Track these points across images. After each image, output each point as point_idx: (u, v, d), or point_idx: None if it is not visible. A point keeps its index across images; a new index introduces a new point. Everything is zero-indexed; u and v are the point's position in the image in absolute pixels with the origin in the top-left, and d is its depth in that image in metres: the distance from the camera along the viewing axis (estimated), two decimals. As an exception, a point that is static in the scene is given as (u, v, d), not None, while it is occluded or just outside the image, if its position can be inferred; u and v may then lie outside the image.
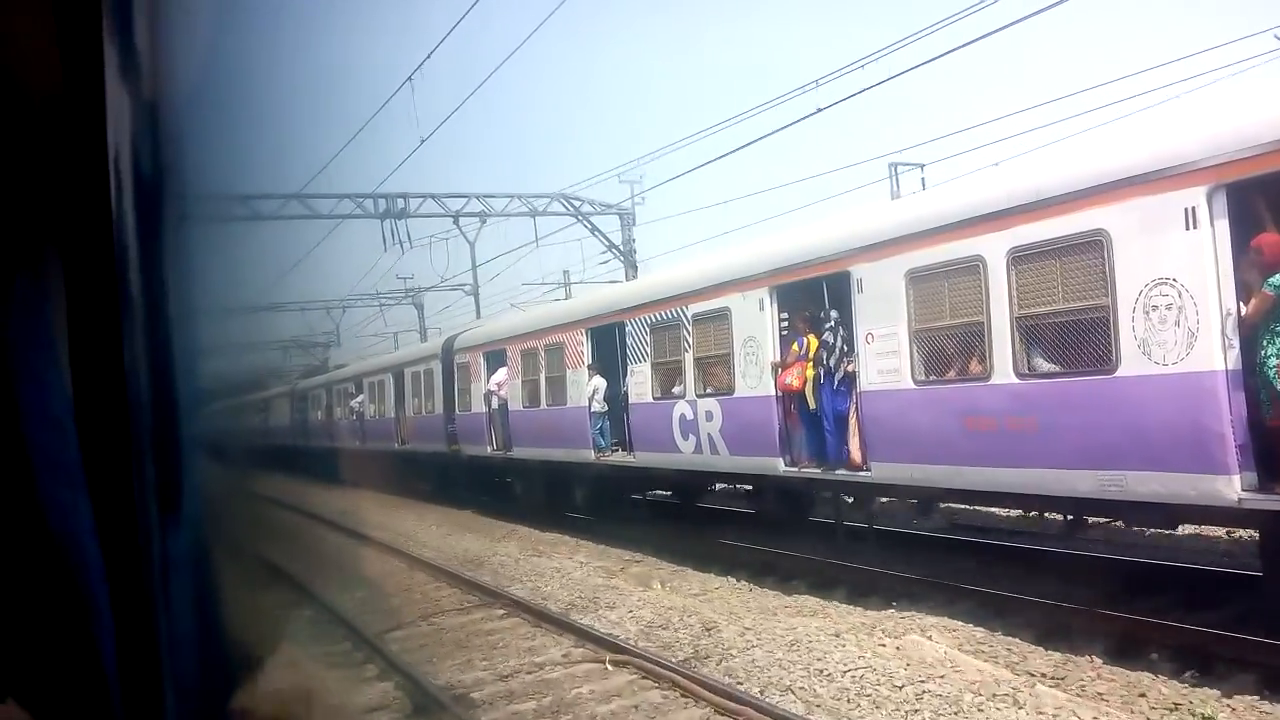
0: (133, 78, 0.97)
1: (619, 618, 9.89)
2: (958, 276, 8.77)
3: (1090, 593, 8.36)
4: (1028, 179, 8.27)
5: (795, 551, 11.84)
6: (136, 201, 0.98)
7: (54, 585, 0.94)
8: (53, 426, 0.97)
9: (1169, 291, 6.97)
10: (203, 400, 1.15)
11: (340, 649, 9.56)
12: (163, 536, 1.00)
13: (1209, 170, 6.71)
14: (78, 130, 0.95)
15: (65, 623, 0.95)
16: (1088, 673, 7.28)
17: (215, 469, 1.20)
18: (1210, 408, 6.73)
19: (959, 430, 8.82)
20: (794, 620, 9.17)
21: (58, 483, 0.96)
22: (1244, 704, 6.40)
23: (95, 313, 0.97)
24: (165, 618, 1.00)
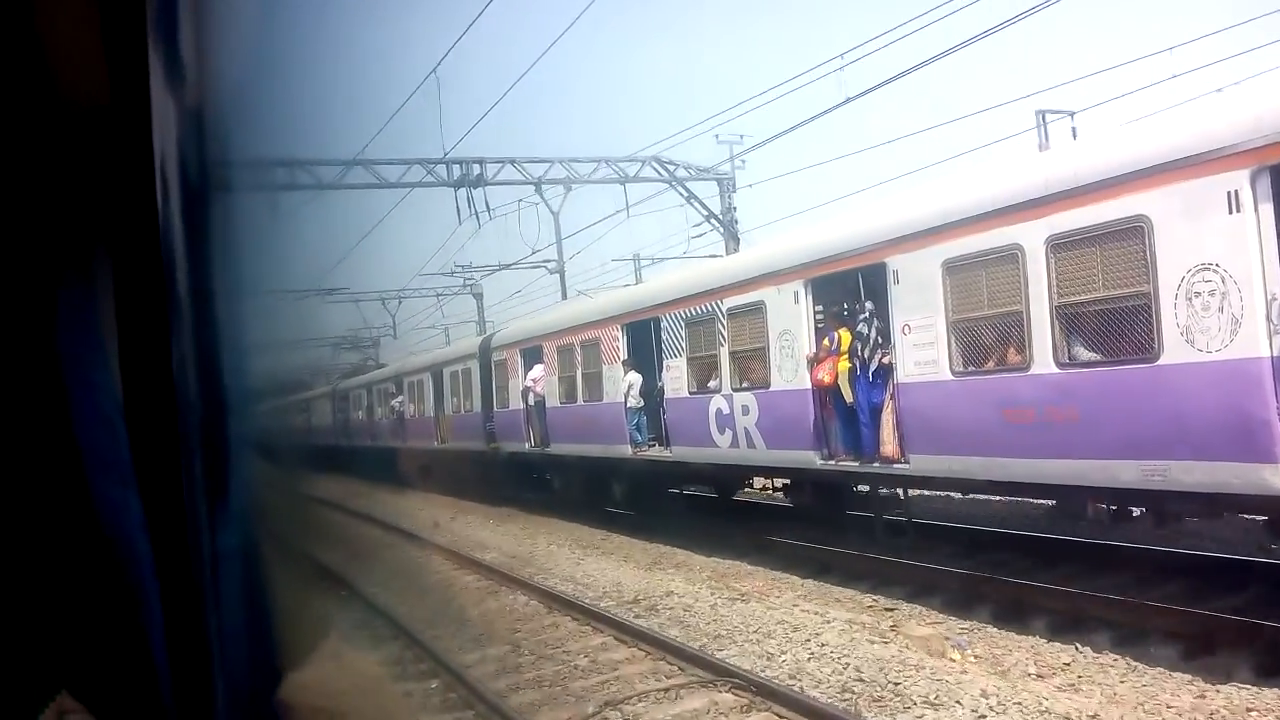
0: (177, 83, 0.99)
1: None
2: (996, 266, 8.68)
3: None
4: (1066, 165, 8.15)
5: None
6: (182, 204, 1.00)
7: (106, 581, 0.96)
8: (103, 426, 0.98)
9: (1212, 278, 6.83)
10: (250, 399, 1.16)
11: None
12: (211, 533, 1.02)
13: (1252, 153, 6.57)
14: (124, 136, 0.97)
15: (117, 617, 0.97)
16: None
17: (262, 467, 1.22)
18: (1256, 395, 6.60)
19: (998, 421, 8.73)
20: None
21: (109, 481, 0.98)
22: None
23: (143, 314, 0.99)
24: (215, 612, 1.02)
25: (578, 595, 11.03)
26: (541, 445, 19.66)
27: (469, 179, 21.78)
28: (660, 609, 10.14)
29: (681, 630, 9.12)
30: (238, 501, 1.06)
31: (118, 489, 0.97)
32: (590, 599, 10.82)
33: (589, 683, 7.82)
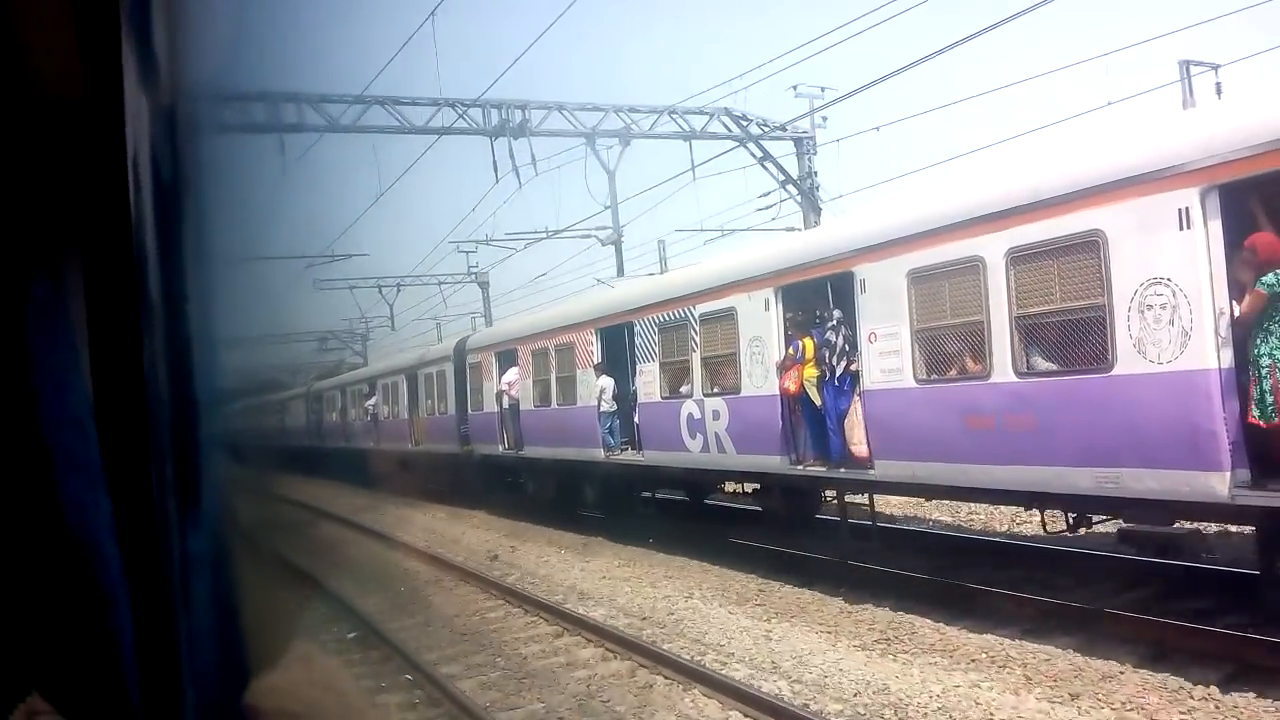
0: (151, 78, 0.98)
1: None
2: (958, 276, 8.89)
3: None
4: (1026, 180, 8.37)
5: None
6: (155, 202, 0.99)
7: (75, 583, 0.96)
8: (73, 427, 0.97)
9: (1163, 291, 7.06)
10: (222, 401, 1.16)
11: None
12: (182, 535, 1.02)
13: (1202, 171, 6.81)
14: (97, 134, 0.96)
15: (86, 619, 0.96)
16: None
17: (234, 469, 1.21)
18: (1203, 406, 6.82)
19: (960, 428, 8.93)
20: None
21: (78, 483, 0.97)
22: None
23: (115, 314, 0.99)
24: (184, 615, 1.01)
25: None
26: (515, 448, 19.73)
27: (509, 126, 18.39)
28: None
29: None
30: (209, 504, 1.05)
31: (87, 491, 0.97)
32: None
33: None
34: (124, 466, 0.98)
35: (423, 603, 12.63)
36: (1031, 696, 6.87)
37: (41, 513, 0.94)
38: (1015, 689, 7.07)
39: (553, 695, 7.91)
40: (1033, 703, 6.75)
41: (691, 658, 8.44)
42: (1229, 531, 10.00)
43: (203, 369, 1.06)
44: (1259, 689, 6.59)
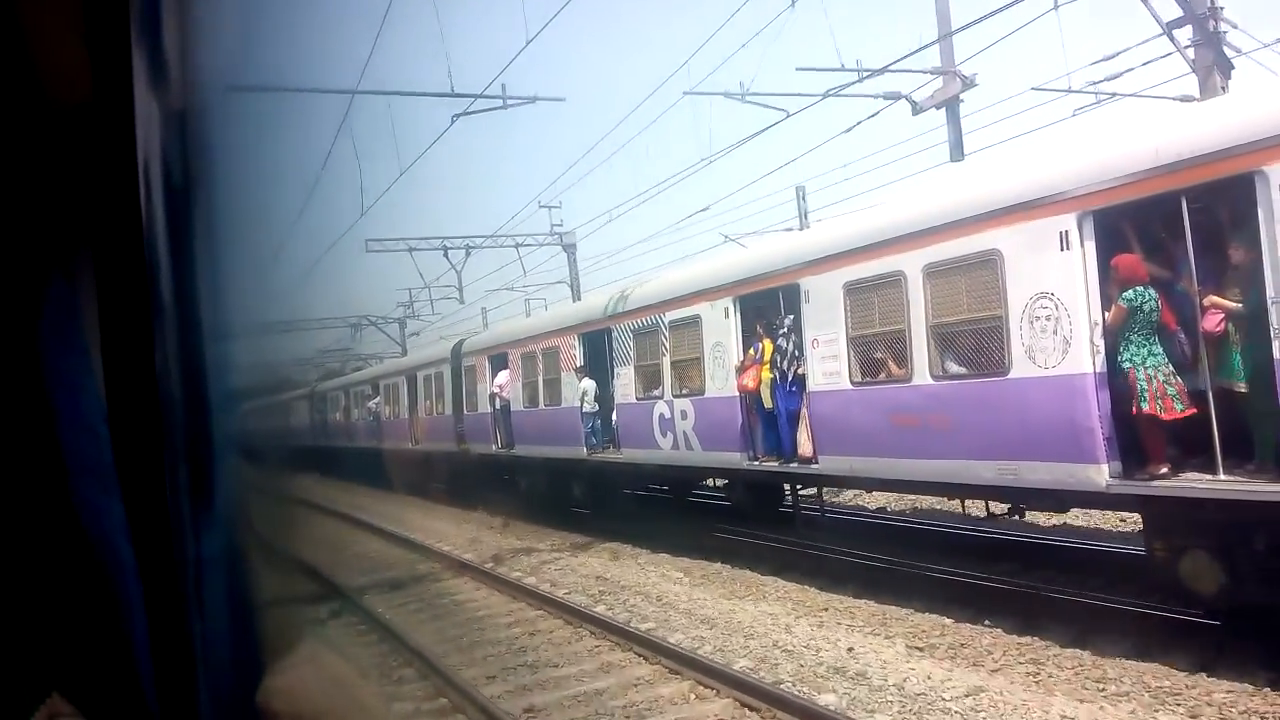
0: (161, 85, 0.98)
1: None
2: (884, 289, 9.82)
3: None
4: (941, 203, 9.30)
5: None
6: (166, 206, 0.99)
7: (91, 586, 0.96)
8: (86, 431, 0.98)
9: (1048, 304, 7.98)
10: (234, 402, 1.15)
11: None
12: (195, 537, 1.02)
13: (1078, 199, 7.73)
14: (107, 138, 0.96)
15: (103, 622, 0.96)
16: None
17: (247, 470, 1.21)
18: (1082, 406, 7.74)
19: (888, 426, 9.86)
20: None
21: (91, 487, 0.97)
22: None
23: (127, 317, 0.99)
24: (199, 616, 1.02)
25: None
26: (507, 447, 20.71)
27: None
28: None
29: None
30: (222, 506, 1.05)
31: (101, 495, 0.97)
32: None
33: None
34: (137, 469, 0.99)
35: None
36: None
37: (56, 517, 0.94)
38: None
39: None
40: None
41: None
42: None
43: (215, 370, 1.06)
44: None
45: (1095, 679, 7.17)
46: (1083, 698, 6.78)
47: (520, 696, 7.88)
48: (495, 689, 8.06)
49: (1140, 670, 7.25)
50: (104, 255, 1.00)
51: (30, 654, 0.92)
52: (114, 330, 0.99)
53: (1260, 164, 6.45)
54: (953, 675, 7.42)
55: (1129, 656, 7.54)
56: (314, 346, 38.62)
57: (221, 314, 1.10)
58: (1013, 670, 7.54)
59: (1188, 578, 7.53)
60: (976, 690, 6.99)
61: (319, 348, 42.32)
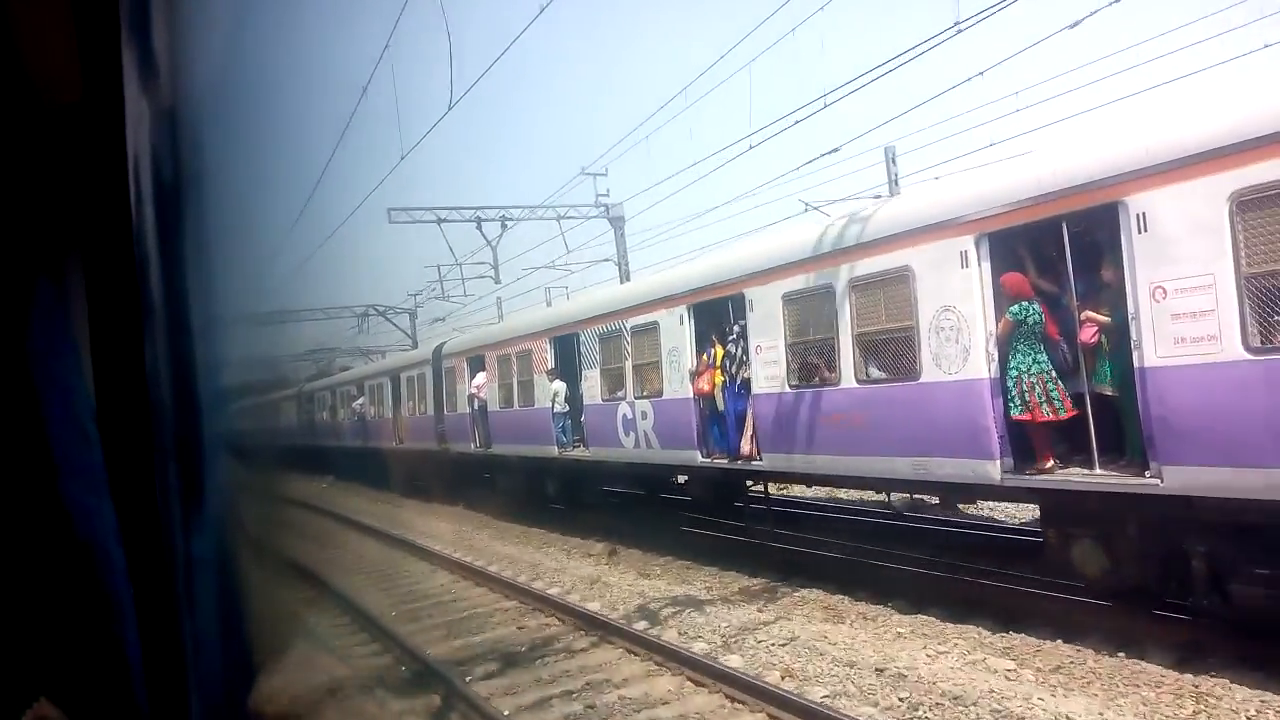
0: (150, 86, 0.98)
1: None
2: (816, 300, 10.67)
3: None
4: (864, 223, 10.15)
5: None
6: (156, 208, 0.99)
7: (81, 588, 0.95)
8: (76, 431, 0.96)
9: (951, 316, 8.85)
10: (223, 403, 1.14)
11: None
12: (186, 538, 1.02)
13: (975, 222, 8.59)
14: (98, 138, 0.96)
15: (93, 624, 0.95)
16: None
17: (236, 470, 1.20)
18: (980, 408, 8.61)
19: (820, 426, 10.72)
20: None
21: (81, 487, 0.96)
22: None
23: (117, 318, 0.98)
24: (189, 617, 1.02)
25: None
26: (485, 446, 21.52)
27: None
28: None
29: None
30: (212, 506, 1.04)
31: (90, 495, 0.96)
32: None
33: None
34: (127, 470, 0.97)
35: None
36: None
37: (45, 517, 0.93)
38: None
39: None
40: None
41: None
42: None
43: (204, 371, 1.04)
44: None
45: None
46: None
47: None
48: None
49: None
50: (94, 255, 0.98)
51: (17, 657, 0.90)
52: (104, 330, 0.98)
53: (1122, 195, 7.31)
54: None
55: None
56: (312, 340, 37.18)
57: (212, 314, 1.09)
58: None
59: (1076, 562, 8.42)
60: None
61: (316, 342, 41.29)
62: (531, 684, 8.25)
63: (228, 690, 1.09)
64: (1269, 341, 6.47)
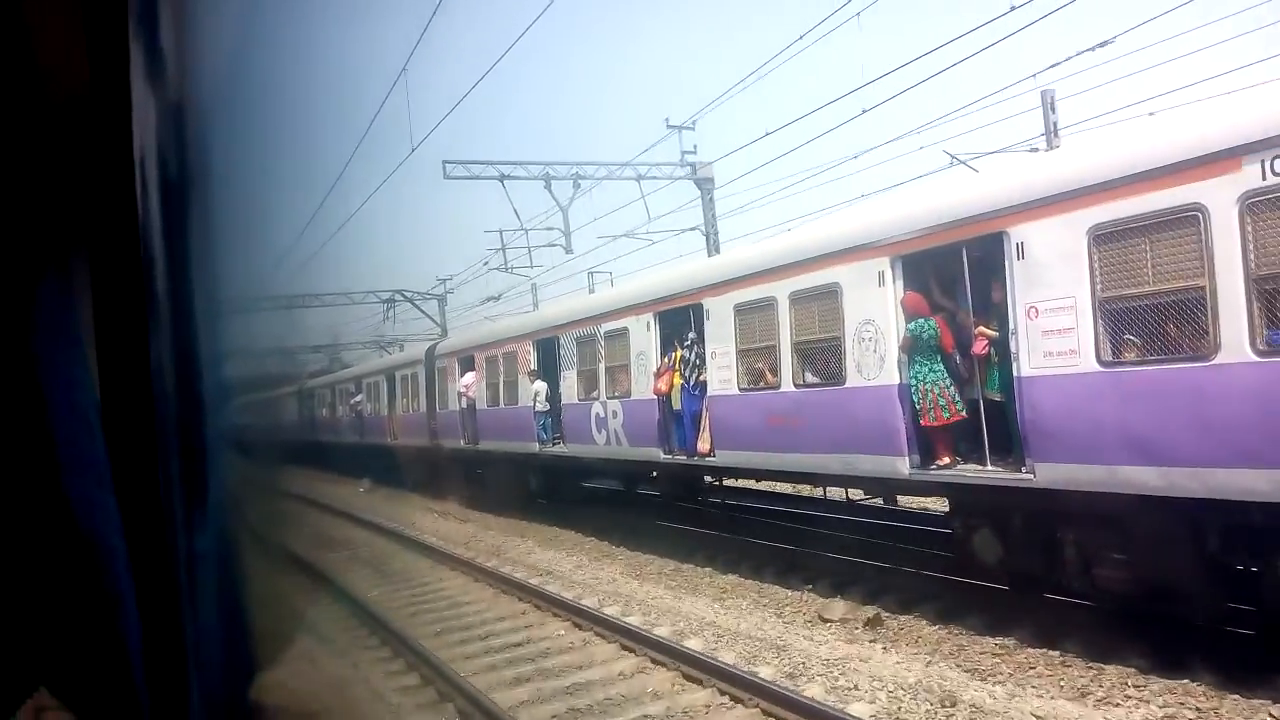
0: (158, 79, 0.98)
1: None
2: (762, 311, 11.75)
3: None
4: (800, 243, 11.24)
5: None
6: (162, 202, 0.99)
7: (83, 580, 0.96)
8: (79, 425, 0.97)
9: (870, 328, 9.92)
10: (227, 398, 1.15)
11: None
12: (188, 533, 1.03)
13: (889, 246, 9.67)
14: (104, 131, 0.96)
15: (94, 617, 0.96)
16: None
17: (239, 465, 1.22)
18: (892, 410, 9.68)
19: (765, 426, 11.79)
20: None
21: (84, 481, 0.96)
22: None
23: (121, 312, 0.99)
24: (190, 611, 1.03)
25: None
26: (473, 442, 22.62)
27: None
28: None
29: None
30: (215, 502, 1.05)
31: (94, 489, 0.96)
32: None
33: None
34: (131, 464, 0.98)
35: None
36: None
37: (48, 510, 0.94)
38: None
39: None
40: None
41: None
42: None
43: (209, 366, 1.05)
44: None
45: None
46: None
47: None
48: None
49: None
50: (99, 249, 0.98)
51: (18, 648, 0.91)
52: (109, 325, 0.99)
53: (1005, 226, 8.38)
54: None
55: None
56: (327, 332, 36.08)
57: (216, 309, 1.09)
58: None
59: (978, 550, 9.48)
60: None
61: (332, 334, 39.47)
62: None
63: (228, 683, 1.09)
64: (1117, 356, 7.53)
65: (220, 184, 1.12)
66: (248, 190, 1.27)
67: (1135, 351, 7.41)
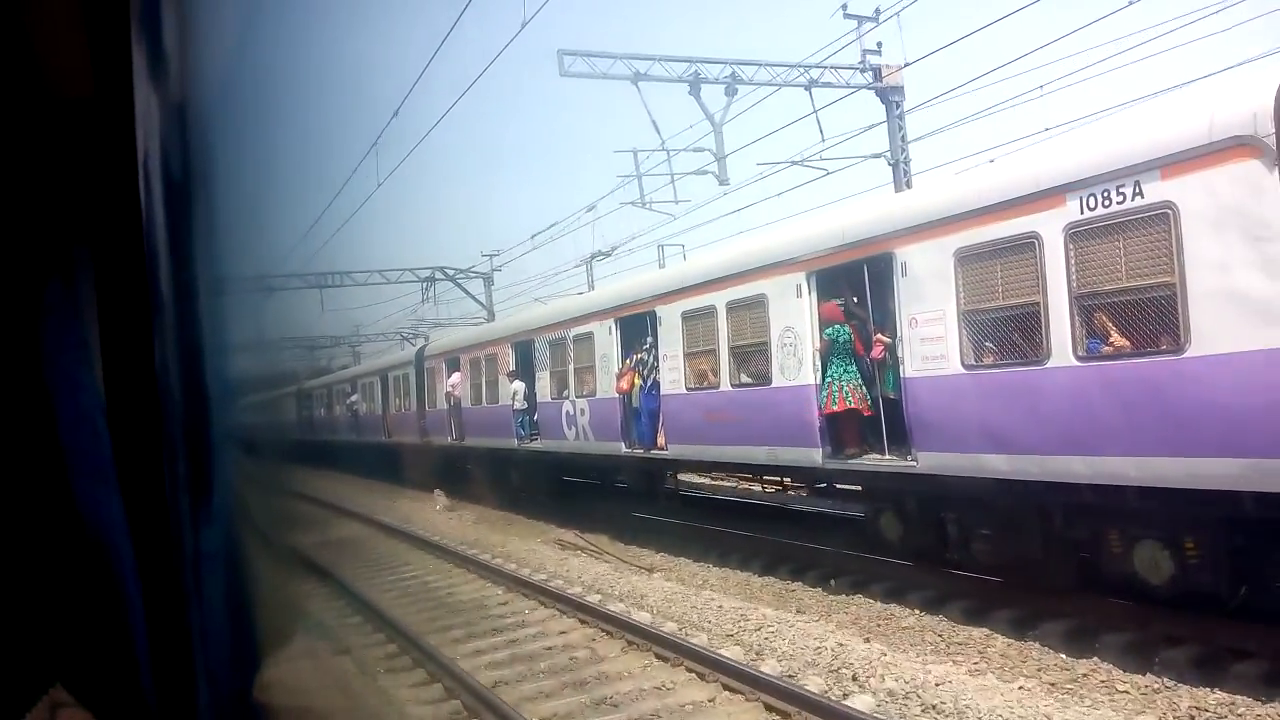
0: (161, 81, 0.99)
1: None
2: (704, 318, 13.07)
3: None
4: (734, 258, 12.56)
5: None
6: (166, 203, 1.00)
7: (91, 580, 0.97)
8: (85, 426, 0.98)
9: (791, 335, 11.22)
10: (232, 398, 1.15)
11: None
12: (194, 532, 1.04)
13: (805, 262, 10.97)
14: (108, 134, 0.97)
15: (102, 615, 0.98)
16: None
17: (244, 464, 1.22)
18: (809, 407, 10.98)
19: (706, 421, 13.11)
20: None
21: (91, 481, 0.98)
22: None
23: (126, 313, 1.00)
24: (197, 609, 1.04)
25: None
26: (460, 439, 23.95)
27: None
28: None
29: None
30: (220, 500, 1.06)
31: (100, 488, 0.98)
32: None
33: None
34: (136, 464, 0.99)
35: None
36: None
37: (56, 512, 0.95)
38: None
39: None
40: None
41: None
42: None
43: (213, 367, 1.06)
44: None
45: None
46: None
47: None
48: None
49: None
50: (104, 250, 1.00)
51: (33, 646, 0.93)
52: (113, 326, 1.00)
53: (893, 247, 9.67)
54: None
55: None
56: (349, 316, 35.37)
57: (222, 310, 1.11)
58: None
59: (885, 530, 10.79)
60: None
61: (351, 325, 38.74)
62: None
63: (234, 680, 1.10)
64: (977, 360, 8.82)
65: (224, 184, 1.13)
66: (252, 190, 1.27)
67: (990, 356, 8.71)
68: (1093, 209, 7.66)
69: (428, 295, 34.93)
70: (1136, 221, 7.32)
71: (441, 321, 37.77)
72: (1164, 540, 7.70)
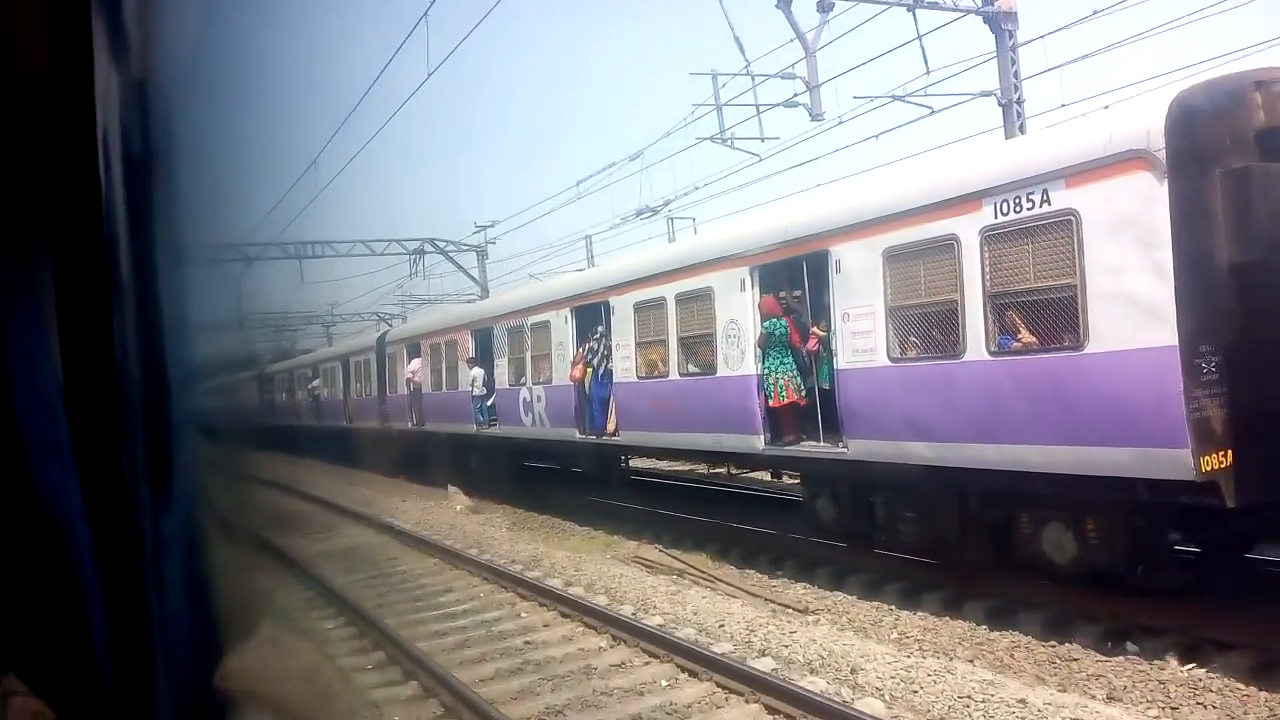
0: (121, 57, 0.95)
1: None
2: (655, 309, 13.55)
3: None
4: (683, 252, 13.04)
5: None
6: (126, 183, 0.97)
7: (47, 565, 0.96)
8: (43, 409, 0.96)
9: (735, 327, 11.73)
10: (193, 381, 1.13)
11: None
12: (154, 517, 1.01)
13: (749, 257, 11.48)
14: (66, 111, 0.93)
15: (59, 602, 0.96)
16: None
17: (205, 449, 1.20)
18: (750, 395, 11.50)
19: (656, 409, 13.60)
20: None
21: (49, 465, 0.96)
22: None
23: (85, 296, 0.97)
24: (156, 597, 1.01)
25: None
26: (420, 424, 24.26)
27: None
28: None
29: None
30: (180, 486, 1.04)
31: (57, 474, 0.96)
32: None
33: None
34: (95, 449, 0.97)
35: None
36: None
37: (12, 495, 0.93)
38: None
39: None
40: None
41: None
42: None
43: (173, 350, 1.03)
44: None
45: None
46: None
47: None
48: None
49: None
50: (62, 231, 0.96)
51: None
52: (72, 307, 0.97)
53: (828, 245, 10.20)
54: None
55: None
56: (325, 296, 34.38)
57: (181, 293, 1.08)
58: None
59: (821, 514, 11.35)
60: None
61: (325, 302, 37.42)
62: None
63: (195, 668, 1.09)
64: (902, 353, 9.38)
65: (186, 164, 1.10)
66: (219, 167, 1.25)
67: (914, 350, 9.27)
68: (1006, 214, 8.22)
69: (416, 269, 33.03)
70: (1044, 227, 7.89)
71: (432, 299, 36.18)
72: (1067, 523, 8.31)
